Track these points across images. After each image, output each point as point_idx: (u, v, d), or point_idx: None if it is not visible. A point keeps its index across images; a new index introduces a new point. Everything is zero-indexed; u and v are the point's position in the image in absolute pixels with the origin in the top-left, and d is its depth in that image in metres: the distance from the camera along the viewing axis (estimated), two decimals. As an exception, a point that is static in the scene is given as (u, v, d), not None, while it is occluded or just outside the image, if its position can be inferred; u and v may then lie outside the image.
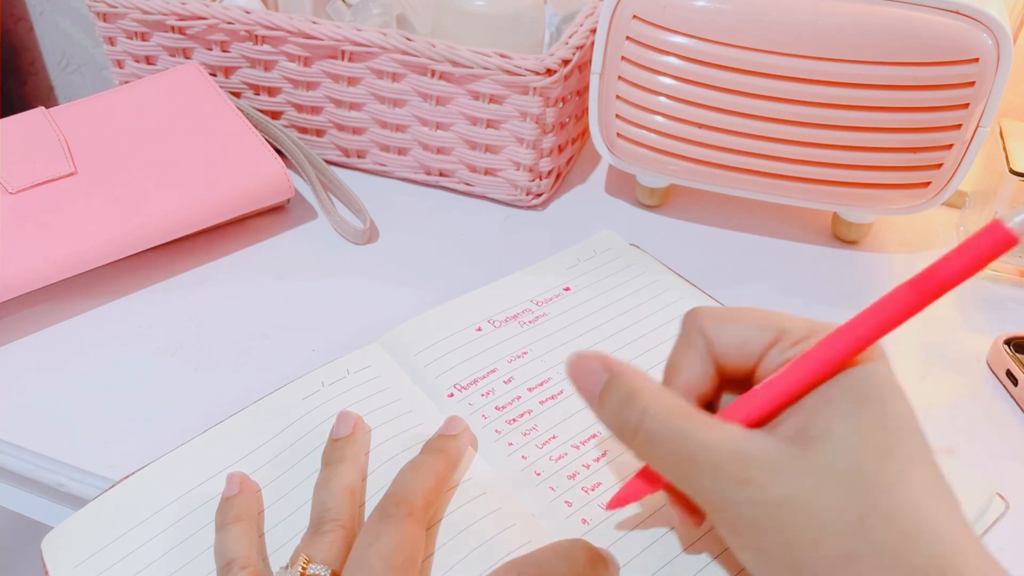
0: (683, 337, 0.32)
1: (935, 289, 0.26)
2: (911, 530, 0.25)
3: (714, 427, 0.28)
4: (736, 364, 0.30)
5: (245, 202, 0.50)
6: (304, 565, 0.30)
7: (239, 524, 0.33)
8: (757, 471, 0.26)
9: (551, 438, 0.38)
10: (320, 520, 0.32)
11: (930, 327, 0.48)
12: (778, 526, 0.26)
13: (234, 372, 0.43)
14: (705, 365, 0.31)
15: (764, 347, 0.30)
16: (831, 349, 0.28)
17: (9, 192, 0.47)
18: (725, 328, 0.30)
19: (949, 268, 0.26)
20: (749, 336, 0.30)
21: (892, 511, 0.25)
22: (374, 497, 0.34)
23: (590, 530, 0.34)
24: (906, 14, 0.43)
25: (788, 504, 0.26)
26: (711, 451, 0.27)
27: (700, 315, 0.31)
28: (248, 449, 0.37)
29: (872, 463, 0.26)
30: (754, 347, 0.30)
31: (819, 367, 0.28)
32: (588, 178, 0.60)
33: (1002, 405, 0.43)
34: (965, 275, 0.26)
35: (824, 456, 0.26)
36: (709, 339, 0.31)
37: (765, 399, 0.28)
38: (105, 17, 0.56)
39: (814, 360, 0.28)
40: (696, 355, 0.31)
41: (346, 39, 0.52)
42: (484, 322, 0.43)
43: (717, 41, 0.46)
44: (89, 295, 0.47)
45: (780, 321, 0.30)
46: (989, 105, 0.45)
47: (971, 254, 0.26)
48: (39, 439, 0.39)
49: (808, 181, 0.49)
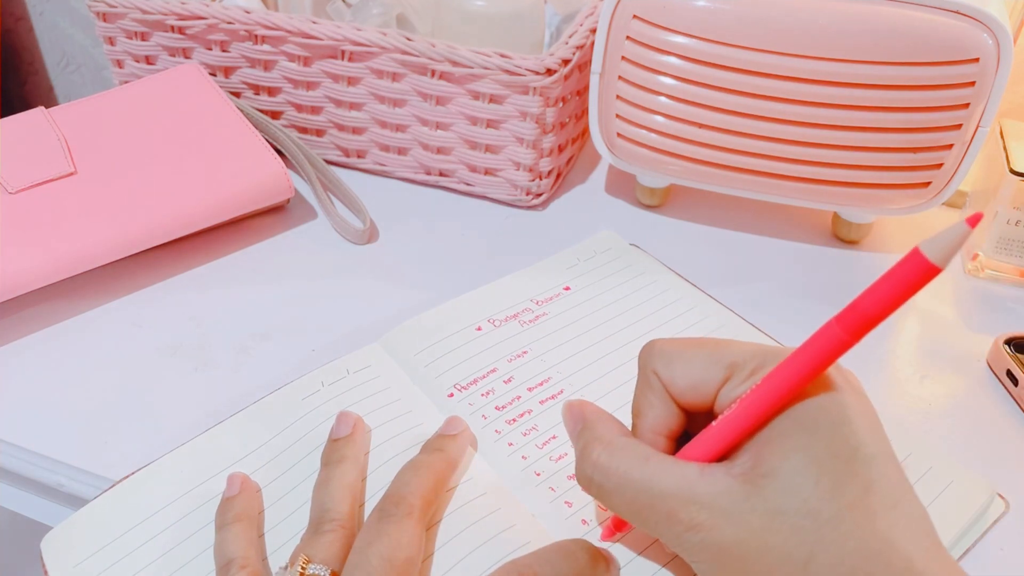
0: (641, 378, 0.32)
1: (861, 324, 0.25)
2: (861, 567, 0.25)
3: (670, 472, 0.28)
4: (693, 402, 0.30)
5: (245, 202, 0.50)
6: (303, 565, 0.30)
7: (239, 524, 0.33)
8: (708, 515, 0.27)
9: (551, 438, 0.38)
10: (319, 520, 0.32)
11: (930, 327, 0.48)
12: (730, 568, 0.26)
13: (234, 372, 0.43)
14: (666, 405, 0.31)
15: (717, 385, 0.30)
16: (774, 384, 0.27)
17: (9, 192, 0.47)
18: (676, 368, 0.30)
19: (872, 301, 0.25)
20: (701, 375, 0.30)
21: (841, 549, 0.25)
22: (374, 497, 0.34)
23: (590, 530, 0.34)
24: (906, 14, 0.43)
25: (738, 547, 0.26)
26: (664, 499, 0.28)
27: (652, 355, 0.31)
28: (248, 449, 0.37)
29: (821, 500, 0.25)
30: (708, 386, 0.30)
31: (768, 403, 0.27)
32: (588, 178, 0.60)
33: (1002, 405, 0.43)
34: (889, 309, 0.25)
35: (773, 496, 0.26)
36: (664, 381, 0.31)
37: (720, 436, 0.28)
38: (105, 17, 0.56)
39: (762, 396, 0.27)
40: (655, 396, 0.31)
41: (346, 39, 0.52)
42: (484, 321, 0.43)
43: (717, 41, 0.46)
44: (89, 295, 0.47)
45: (730, 355, 0.30)
46: (989, 105, 0.45)
47: (892, 286, 0.24)
48: (39, 439, 0.39)
49: (808, 181, 0.49)
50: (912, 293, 0.24)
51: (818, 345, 0.26)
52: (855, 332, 0.26)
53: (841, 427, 0.27)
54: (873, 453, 0.26)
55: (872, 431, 0.27)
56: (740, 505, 0.26)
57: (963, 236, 0.23)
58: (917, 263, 0.23)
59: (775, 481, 0.26)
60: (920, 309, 0.50)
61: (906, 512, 0.26)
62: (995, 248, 0.51)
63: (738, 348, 0.30)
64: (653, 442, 0.31)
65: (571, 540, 0.32)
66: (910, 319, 0.49)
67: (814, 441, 0.26)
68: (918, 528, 0.26)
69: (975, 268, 0.52)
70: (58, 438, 0.39)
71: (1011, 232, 0.50)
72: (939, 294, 0.51)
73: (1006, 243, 0.50)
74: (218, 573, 0.31)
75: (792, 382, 0.27)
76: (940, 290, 0.51)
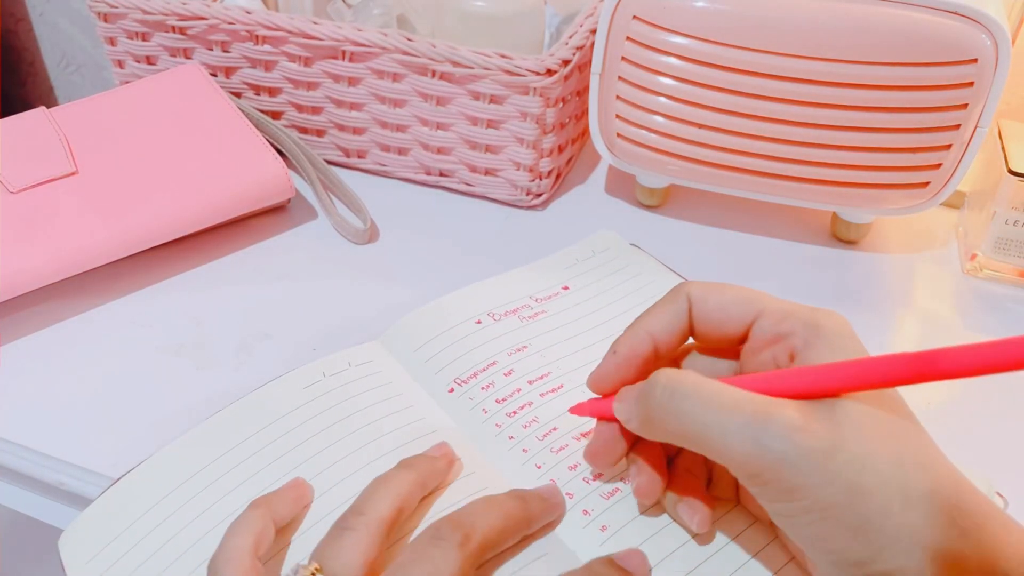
0: (668, 297, 0.34)
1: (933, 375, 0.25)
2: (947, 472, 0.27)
3: (735, 389, 0.29)
4: (715, 327, 0.32)
5: (245, 202, 0.50)
6: (314, 574, 0.29)
7: (254, 511, 0.32)
8: (802, 418, 0.26)
9: (552, 430, 0.38)
10: (350, 513, 0.31)
11: (930, 327, 0.48)
12: (841, 475, 0.26)
13: (235, 371, 0.43)
14: (679, 321, 0.33)
15: (748, 317, 0.32)
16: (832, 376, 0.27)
17: (10, 192, 0.47)
18: (711, 296, 0.32)
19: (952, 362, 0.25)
20: (732, 308, 0.32)
21: (923, 452, 0.27)
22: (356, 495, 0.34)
23: (591, 521, 0.34)
24: (905, 15, 0.44)
25: (839, 454, 0.26)
26: (747, 401, 0.27)
27: (690, 283, 0.33)
28: (245, 436, 0.37)
29: (889, 414, 0.27)
30: (737, 316, 0.32)
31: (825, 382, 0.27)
32: (588, 178, 0.60)
33: (1002, 404, 0.43)
34: (963, 375, 0.25)
35: (852, 410, 0.27)
36: (694, 301, 0.33)
37: (796, 381, 0.28)
38: (106, 17, 0.56)
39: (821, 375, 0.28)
40: (675, 311, 0.33)
41: (347, 39, 0.52)
42: (484, 315, 0.44)
43: (717, 41, 0.46)
44: (89, 295, 0.48)
45: (761, 300, 0.32)
46: (988, 105, 0.46)
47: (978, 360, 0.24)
48: (40, 438, 0.39)
49: (807, 181, 0.49)
50: (1003, 370, 0.24)
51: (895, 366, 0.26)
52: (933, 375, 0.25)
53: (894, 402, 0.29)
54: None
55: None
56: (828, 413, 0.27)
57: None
58: (1017, 348, 0.23)
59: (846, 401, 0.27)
60: (919, 309, 0.50)
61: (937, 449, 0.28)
62: (994, 248, 0.51)
63: (768, 297, 0.32)
64: (643, 342, 0.33)
65: (596, 561, 0.31)
66: (909, 319, 0.49)
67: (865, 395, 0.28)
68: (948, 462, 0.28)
69: (974, 268, 0.52)
70: (59, 437, 0.40)
71: (1010, 232, 0.50)
72: (938, 294, 0.51)
73: (1005, 243, 0.50)
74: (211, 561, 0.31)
75: (887, 378, 0.26)
76: (939, 290, 0.51)
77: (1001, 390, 0.44)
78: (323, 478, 0.35)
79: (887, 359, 0.26)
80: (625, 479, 0.36)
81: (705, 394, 0.28)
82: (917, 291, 0.51)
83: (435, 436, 0.37)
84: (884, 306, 0.49)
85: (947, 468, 0.27)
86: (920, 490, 0.26)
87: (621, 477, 0.36)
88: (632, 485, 0.33)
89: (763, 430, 0.27)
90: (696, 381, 0.29)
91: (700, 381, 0.29)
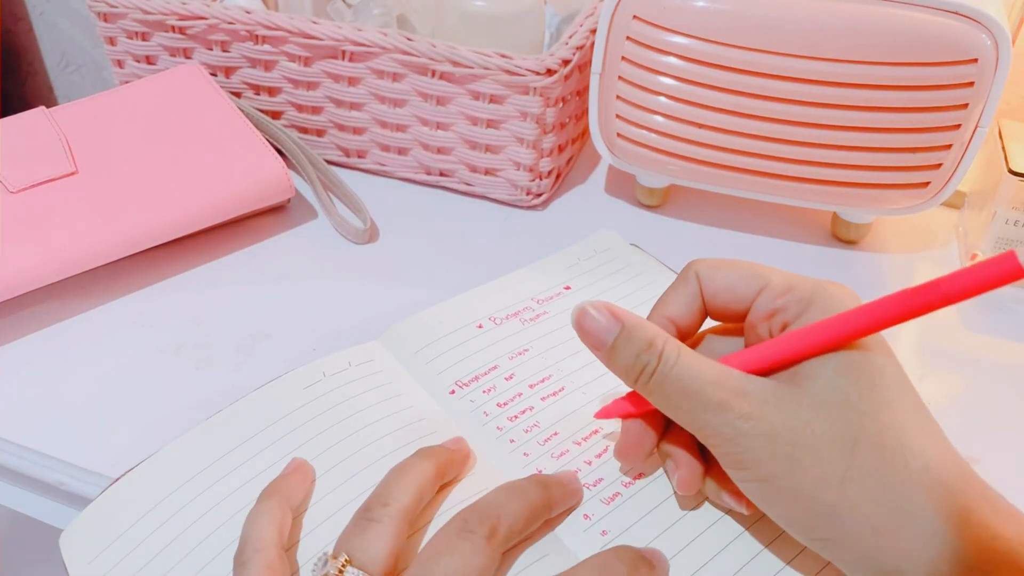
0: (679, 279, 0.35)
1: (936, 301, 0.28)
2: (899, 450, 0.28)
3: (718, 369, 0.31)
4: (724, 305, 0.34)
5: (245, 202, 0.50)
6: (343, 566, 0.29)
7: (269, 501, 0.32)
8: (758, 406, 0.29)
9: (553, 435, 0.38)
10: (374, 503, 0.31)
11: (930, 327, 0.48)
12: (779, 455, 0.29)
13: (235, 371, 0.43)
14: (694, 301, 0.34)
15: (752, 293, 0.33)
16: (831, 328, 0.30)
17: (9, 192, 0.47)
18: (719, 273, 0.34)
19: (954, 284, 0.27)
20: (739, 283, 0.33)
21: (880, 435, 0.28)
22: (359, 498, 0.34)
23: (592, 525, 0.34)
24: (905, 14, 0.44)
25: (787, 434, 0.29)
26: (718, 388, 0.30)
27: (698, 263, 0.35)
28: (246, 436, 0.37)
29: (859, 397, 0.29)
30: (743, 292, 0.33)
31: (819, 340, 0.30)
32: (588, 178, 0.60)
33: (1001, 404, 0.43)
34: (967, 295, 0.27)
35: (816, 391, 0.29)
36: (703, 280, 0.34)
37: (766, 354, 0.31)
38: (106, 17, 0.56)
39: (815, 332, 0.30)
40: (688, 292, 0.34)
41: (346, 39, 0.52)
42: (485, 319, 0.44)
43: (717, 41, 0.46)
44: (89, 295, 0.48)
45: (767, 273, 0.33)
46: (988, 105, 0.46)
47: (978, 277, 0.27)
48: (40, 438, 0.39)
49: (808, 181, 0.49)
50: (992, 287, 0.27)
51: (886, 307, 0.29)
52: (927, 306, 0.28)
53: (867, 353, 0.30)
54: (902, 377, 0.30)
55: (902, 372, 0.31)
56: (787, 398, 0.29)
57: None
58: (1009, 264, 0.26)
59: (816, 381, 0.30)
60: (919, 309, 0.50)
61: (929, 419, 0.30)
62: (994, 248, 0.51)
63: (773, 270, 0.33)
64: (664, 327, 0.34)
65: (608, 551, 0.31)
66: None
67: (846, 358, 0.30)
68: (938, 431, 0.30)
69: (974, 268, 0.52)
70: (60, 437, 0.40)
71: (1010, 232, 0.50)
72: (938, 294, 0.51)
73: (1005, 243, 0.50)
74: (236, 552, 0.31)
75: (847, 331, 0.29)
76: (939, 290, 0.51)
77: (1002, 390, 0.44)
78: (324, 479, 0.35)
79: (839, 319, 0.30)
80: (626, 483, 0.36)
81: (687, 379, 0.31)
82: (917, 291, 0.51)
83: (436, 436, 0.37)
84: (884, 306, 0.49)
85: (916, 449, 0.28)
86: (865, 470, 0.28)
87: (623, 483, 0.36)
88: (673, 480, 0.34)
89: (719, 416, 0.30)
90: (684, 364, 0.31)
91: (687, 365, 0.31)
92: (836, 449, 0.28)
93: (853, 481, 0.28)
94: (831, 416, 0.29)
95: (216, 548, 0.33)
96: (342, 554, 0.30)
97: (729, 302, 0.33)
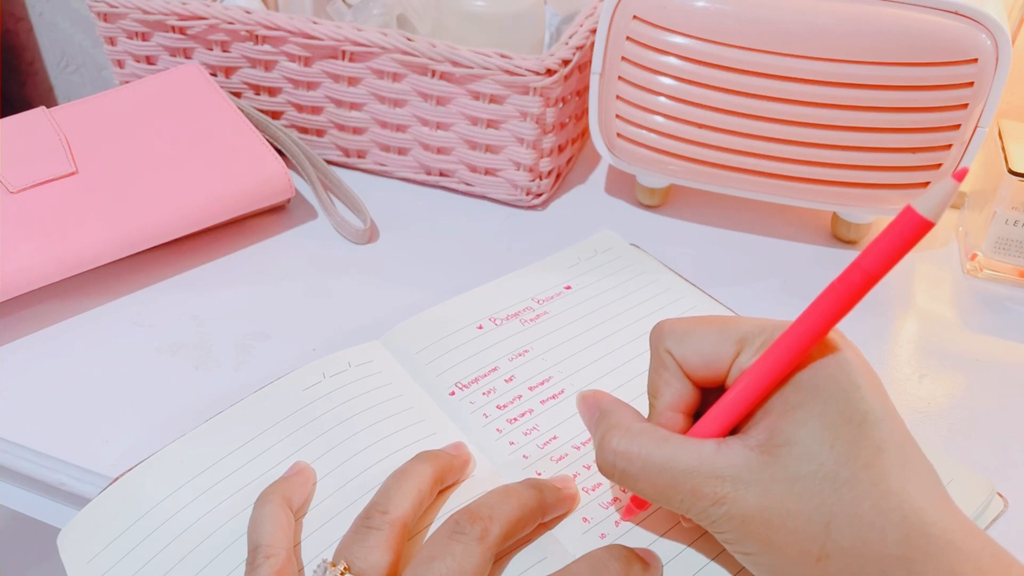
0: (654, 358, 0.32)
1: (863, 282, 0.27)
2: (878, 522, 0.26)
3: (689, 450, 0.29)
4: (707, 377, 0.31)
5: (245, 202, 0.50)
6: (342, 574, 0.29)
7: (272, 504, 0.32)
8: (731, 488, 0.28)
9: (552, 439, 0.38)
10: (371, 511, 0.31)
11: (930, 327, 0.48)
12: (755, 535, 0.28)
13: (235, 371, 0.43)
14: (681, 382, 0.31)
15: (729, 359, 0.30)
16: (780, 353, 0.28)
17: (9, 192, 0.47)
18: (688, 345, 0.31)
19: (871, 259, 0.26)
20: (712, 351, 0.31)
21: (859, 508, 0.27)
22: (359, 501, 0.34)
23: (590, 528, 0.34)
24: (905, 15, 0.44)
25: (761, 514, 0.28)
26: (687, 476, 0.29)
27: (664, 335, 0.32)
28: (247, 438, 0.37)
29: (837, 463, 0.27)
30: (720, 361, 0.31)
31: (775, 372, 0.28)
32: (588, 178, 0.60)
33: (1001, 404, 0.43)
34: (887, 265, 0.26)
35: (791, 463, 0.27)
36: (677, 359, 0.31)
37: (731, 409, 0.29)
38: (106, 17, 0.56)
39: (769, 366, 0.29)
40: (670, 375, 0.31)
41: (346, 39, 0.52)
42: (485, 320, 0.44)
43: (717, 41, 0.46)
44: (89, 295, 0.48)
45: (740, 330, 0.31)
46: (988, 105, 0.45)
47: (889, 243, 0.26)
48: (40, 438, 0.39)
49: (808, 181, 0.49)
50: (907, 248, 0.26)
51: (821, 308, 0.28)
52: (856, 291, 0.27)
53: (850, 392, 0.28)
54: (881, 416, 0.28)
55: (876, 391, 0.28)
56: (760, 474, 0.28)
57: (951, 191, 0.24)
58: (911, 219, 0.25)
59: (792, 449, 0.28)
60: (919, 309, 0.50)
61: (916, 468, 0.28)
62: (994, 248, 0.51)
63: (747, 323, 0.31)
64: (672, 420, 0.31)
65: (602, 548, 0.31)
66: (909, 319, 0.49)
67: (826, 409, 0.28)
68: (927, 481, 0.28)
69: (974, 268, 0.52)
70: (60, 437, 0.40)
71: (1010, 232, 0.50)
72: (938, 294, 0.51)
73: (1005, 243, 0.50)
74: (248, 557, 0.31)
75: (797, 349, 0.28)
76: (939, 290, 0.51)
77: (1001, 390, 0.44)
78: (325, 480, 0.35)
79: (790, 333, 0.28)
80: (624, 488, 0.36)
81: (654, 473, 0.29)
82: (917, 291, 0.51)
83: (436, 438, 0.37)
84: (884, 306, 0.49)
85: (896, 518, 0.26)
86: (841, 546, 0.27)
87: (622, 488, 0.36)
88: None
89: (694, 505, 0.29)
90: (640, 453, 0.30)
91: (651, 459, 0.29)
92: (812, 526, 0.27)
93: (830, 558, 0.27)
94: (805, 492, 0.27)
95: (215, 549, 0.33)
96: (341, 561, 0.30)
97: (701, 369, 0.31)
